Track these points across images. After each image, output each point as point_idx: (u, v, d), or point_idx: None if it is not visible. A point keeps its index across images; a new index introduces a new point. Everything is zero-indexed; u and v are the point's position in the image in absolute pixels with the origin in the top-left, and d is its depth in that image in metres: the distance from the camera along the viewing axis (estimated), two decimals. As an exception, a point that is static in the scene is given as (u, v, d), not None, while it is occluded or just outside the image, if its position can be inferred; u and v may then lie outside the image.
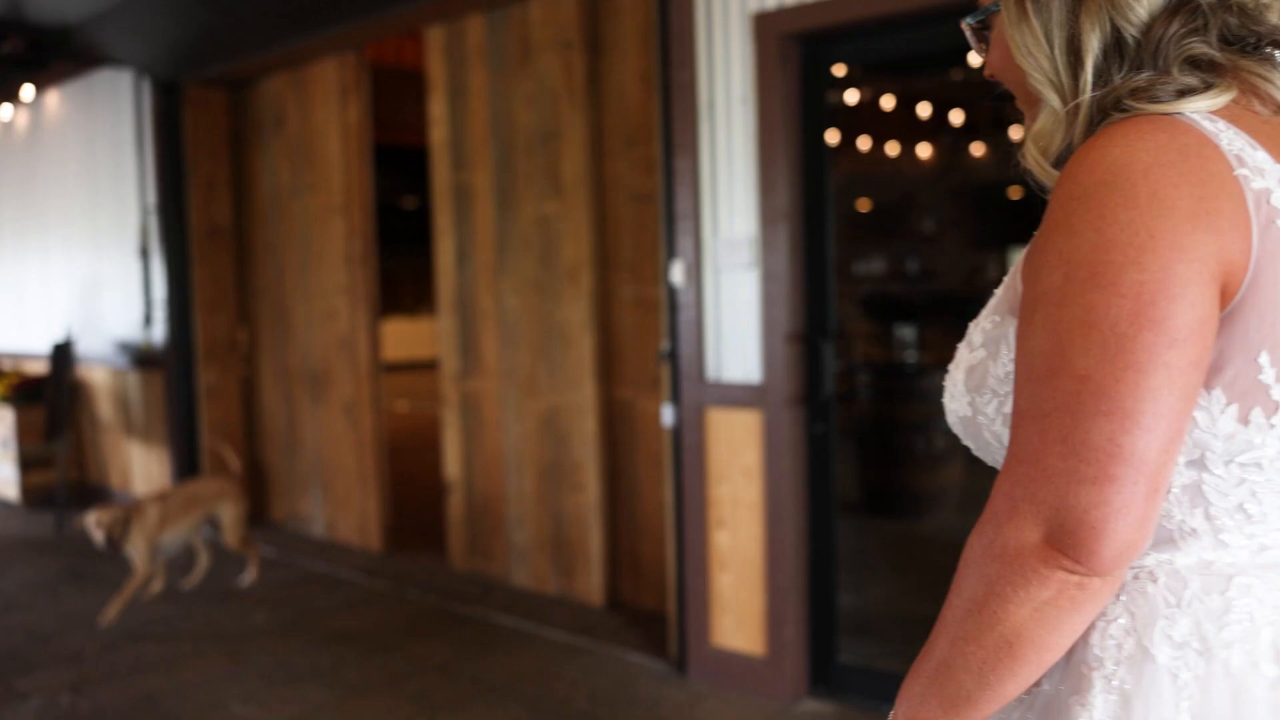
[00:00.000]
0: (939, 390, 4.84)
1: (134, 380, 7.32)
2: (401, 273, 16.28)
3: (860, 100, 9.79)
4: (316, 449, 6.57)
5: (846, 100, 9.85)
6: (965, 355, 1.10)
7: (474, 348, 5.48)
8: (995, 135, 10.85)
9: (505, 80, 5.19)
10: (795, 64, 3.81)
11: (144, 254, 6.92)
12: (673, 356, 4.11)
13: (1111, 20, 0.97)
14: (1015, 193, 10.74)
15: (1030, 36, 1.02)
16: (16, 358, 8.82)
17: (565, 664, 4.38)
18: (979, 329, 1.09)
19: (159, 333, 6.93)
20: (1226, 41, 0.97)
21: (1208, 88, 0.93)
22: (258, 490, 7.15)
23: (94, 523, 4.83)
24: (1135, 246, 0.85)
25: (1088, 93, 0.99)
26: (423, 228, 6.06)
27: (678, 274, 4.04)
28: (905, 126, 11.32)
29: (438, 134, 5.53)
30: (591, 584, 5.07)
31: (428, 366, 7.13)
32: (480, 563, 5.61)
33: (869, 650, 4.26)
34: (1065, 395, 0.86)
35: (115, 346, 7.47)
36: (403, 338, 14.34)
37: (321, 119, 6.28)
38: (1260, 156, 0.91)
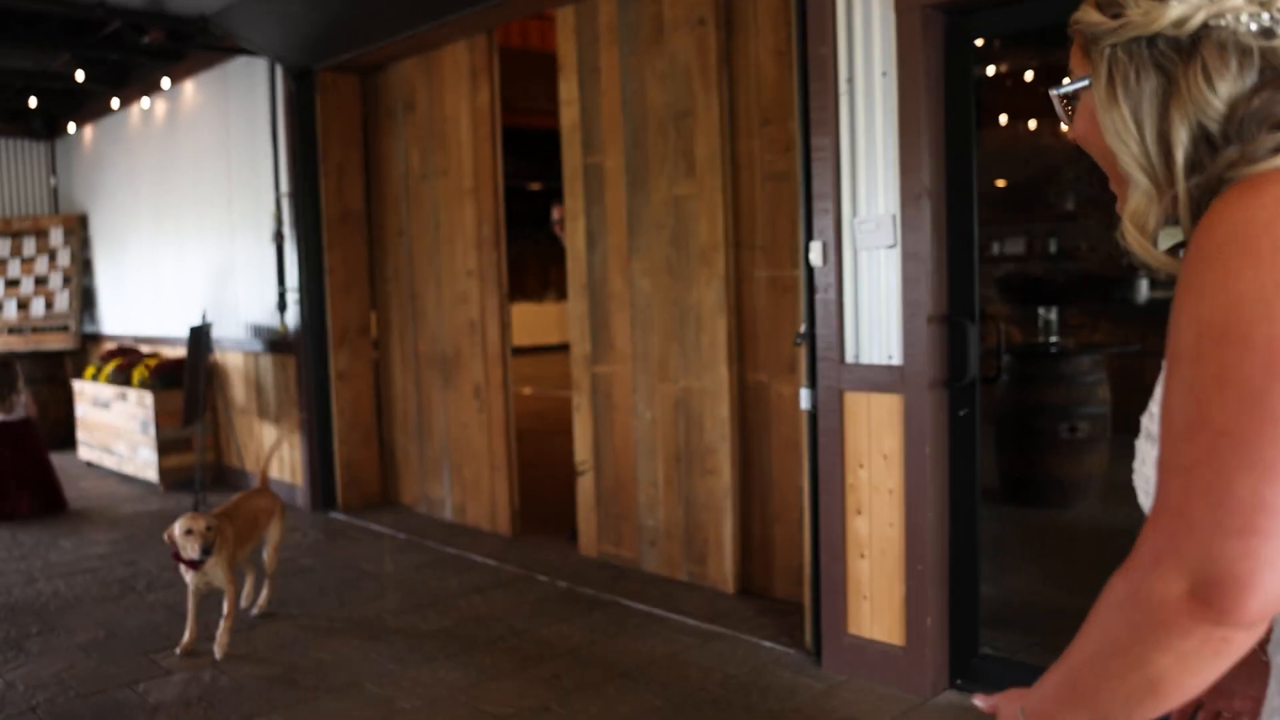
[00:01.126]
0: (1080, 374, 4.85)
1: (267, 364, 7.67)
2: (527, 257, 16.60)
3: (998, 73, 9.60)
4: (446, 433, 6.78)
5: (985, 73, 9.67)
6: (1147, 449, 1.14)
7: (605, 331, 5.59)
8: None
9: (637, 59, 5.27)
10: (938, 35, 3.79)
11: (278, 239, 7.23)
12: (810, 338, 4.13)
13: (1197, 116, 1.04)
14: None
15: (1120, 122, 1.09)
16: (155, 342, 9.32)
17: (698, 650, 4.46)
18: (1153, 419, 1.12)
19: (292, 317, 7.25)
20: None
21: None
22: (388, 474, 7.43)
23: (191, 531, 4.39)
24: (1264, 302, 0.89)
25: (1182, 183, 1.06)
26: (549, 212, 6.19)
27: (816, 254, 4.06)
28: (1046, 100, 11.05)
29: (568, 116, 5.65)
30: (724, 570, 5.13)
31: (552, 351, 7.29)
32: (610, 548, 5.73)
33: (1011, 642, 4.22)
34: (1207, 450, 0.90)
35: (249, 330, 7.84)
36: (528, 322, 14.63)
37: (451, 103, 6.47)
38: None
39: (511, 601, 5.20)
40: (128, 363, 8.71)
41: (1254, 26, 1.05)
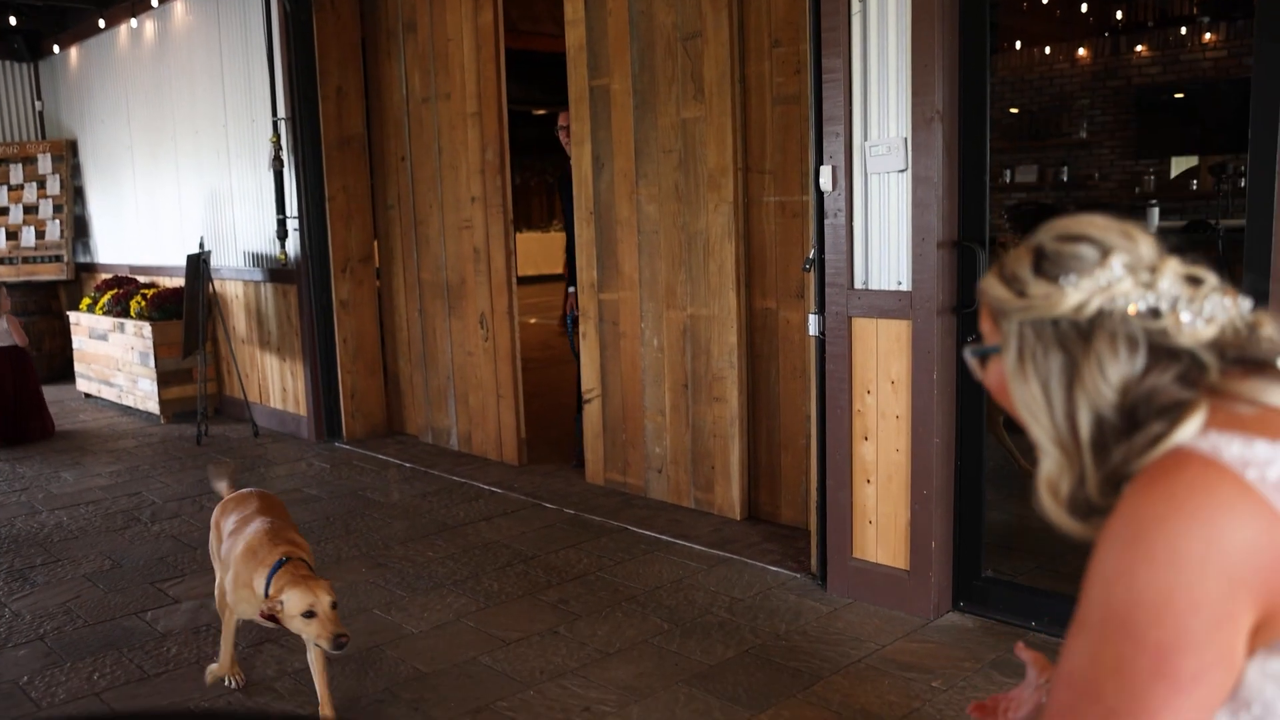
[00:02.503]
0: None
1: (269, 293, 7.75)
2: (532, 185, 16.59)
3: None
4: (451, 362, 6.89)
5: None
6: None
7: (611, 258, 5.66)
8: (1160, 33, 10.45)
9: (643, -21, 5.28)
10: (953, -45, 3.81)
11: (276, 165, 7.27)
12: (819, 264, 4.21)
13: (1096, 401, 1.18)
14: (1179, 95, 10.36)
15: (1030, 397, 1.22)
16: (151, 272, 9.39)
17: (704, 575, 4.60)
18: None
19: (293, 245, 7.31)
20: (1227, 361, 1.16)
21: (1183, 418, 1.11)
22: (393, 403, 7.55)
23: (313, 614, 3.18)
24: (1154, 606, 1.05)
25: (1089, 462, 1.20)
26: (555, 133, 6.22)
27: (826, 179, 4.12)
28: (1061, 25, 10.98)
29: (573, 36, 5.67)
30: (731, 497, 5.27)
31: (559, 280, 7.35)
32: (617, 475, 5.86)
33: (1013, 566, 4.36)
34: (1100, 709, 1.08)
35: (248, 259, 7.91)
36: (533, 251, 14.68)
37: (453, 23, 6.47)
38: (1259, 447, 1.07)
39: (519, 529, 5.34)
40: (124, 293, 8.79)
41: (1143, 306, 1.17)
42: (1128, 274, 1.18)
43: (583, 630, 4.09)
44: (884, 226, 4.03)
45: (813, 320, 4.26)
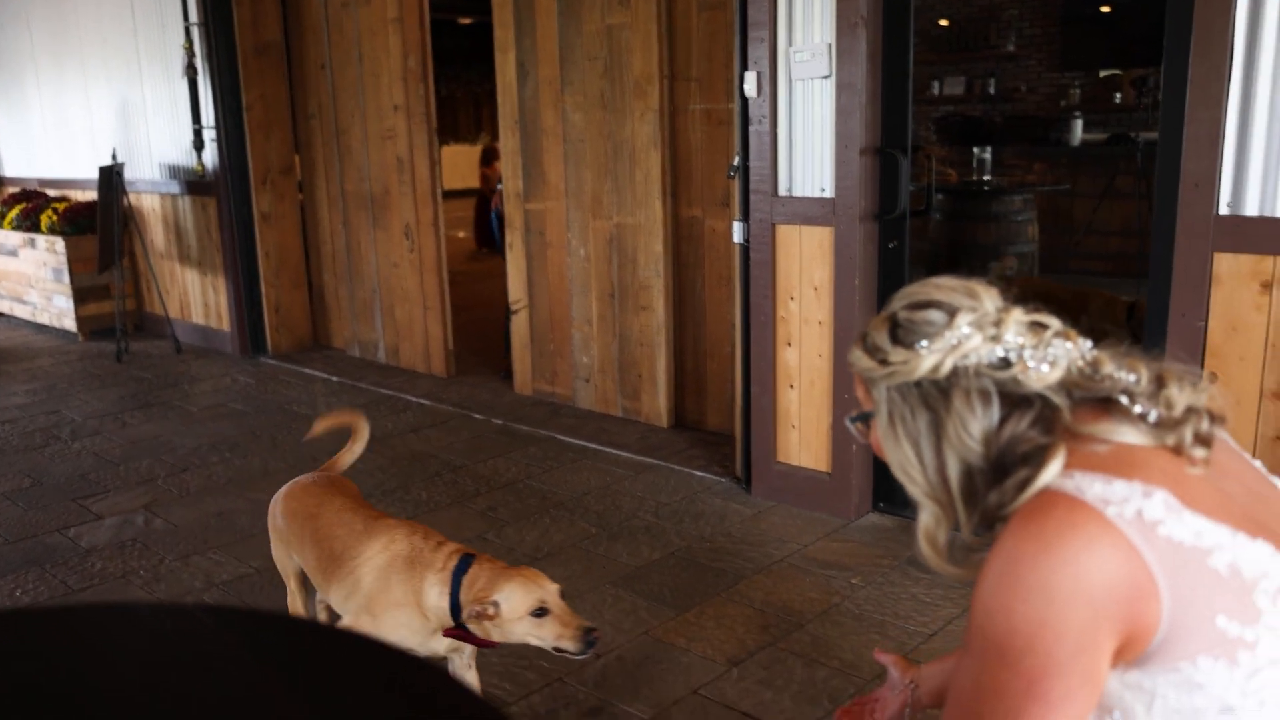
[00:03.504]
0: (1011, 213, 5.05)
1: (187, 207, 7.59)
2: (459, 97, 16.29)
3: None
4: (377, 274, 6.83)
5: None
6: None
7: (537, 167, 5.63)
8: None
9: (566, -120, 5.17)
10: None
11: (190, 74, 7.06)
12: (743, 171, 4.23)
13: (962, 453, 1.30)
14: (1105, 8, 10.45)
15: (903, 457, 1.35)
16: (62, 185, 9.12)
17: (631, 482, 4.68)
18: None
19: (210, 157, 7.15)
20: (1076, 400, 1.29)
21: (1045, 462, 1.23)
22: (318, 317, 7.48)
23: (545, 611, 2.43)
24: (1027, 635, 1.17)
25: (962, 510, 1.33)
26: (483, 47, 6.12)
27: (750, 85, 4.13)
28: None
29: (495, -60, 5.56)
30: (658, 405, 5.34)
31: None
32: (545, 385, 5.90)
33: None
34: None
35: (164, 172, 7.72)
36: (460, 164, 14.48)
37: (372, -74, 6.30)
38: (1117, 486, 1.19)
39: (447, 439, 5.37)
40: (34, 207, 8.52)
41: (992, 360, 1.29)
42: (975, 331, 1.31)
43: (511, 536, 4.15)
44: (808, 133, 4.06)
45: (737, 227, 4.30)
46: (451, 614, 2.45)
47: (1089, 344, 1.36)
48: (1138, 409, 1.29)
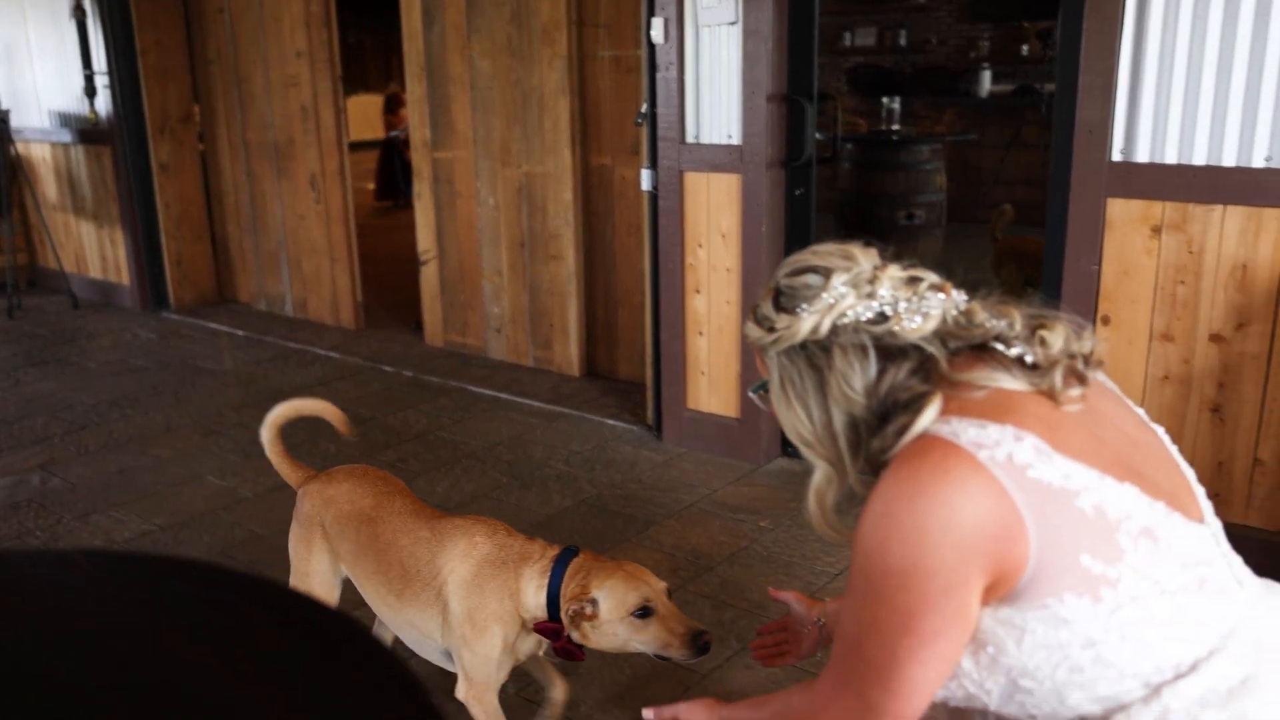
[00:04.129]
0: (919, 162, 5.13)
1: (80, 156, 7.34)
2: (369, 45, 15.93)
3: None
4: (283, 226, 6.70)
5: None
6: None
7: (444, 115, 5.56)
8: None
9: None
10: None
11: (78, 15, 6.80)
12: (651, 118, 4.23)
13: (846, 408, 1.37)
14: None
15: (795, 419, 1.42)
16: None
17: (543, 431, 4.69)
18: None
19: (103, 104, 6.91)
20: (952, 350, 1.35)
21: (922, 408, 1.29)
22: (223, 270, 7.32)
23: (650, 610, 2.11)
24: (902, 574, 1.23)
25: (849, 465, 1.40)
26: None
27: (658, 31, 4.11)
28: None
29: (398, -119, 5.43)
30: (569, 354, 5.35)
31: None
32: (456, 337, 5.86)
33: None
34: (864, 663, 1.30)
35: (54, 119, 7.44)
36: (369, 114, 14.19)
37: None
38: (990, 430, 1.25)
39: (357, 392, 5.32)
40: (-83, 156, 8.18)
41: (868, 315, 1.36)
42: (850, 289, 1.38)
43: (421, 487, 4.14)
44: (715, 80, 4.06)
45: (645, 175, 4.30)
46: (549, 610, 2.13)
47: (963, 295, 1.42)
48: (1014, 351, 1.35)
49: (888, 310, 1.36)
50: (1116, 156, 3.22)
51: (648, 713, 1.71)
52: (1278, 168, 2.97)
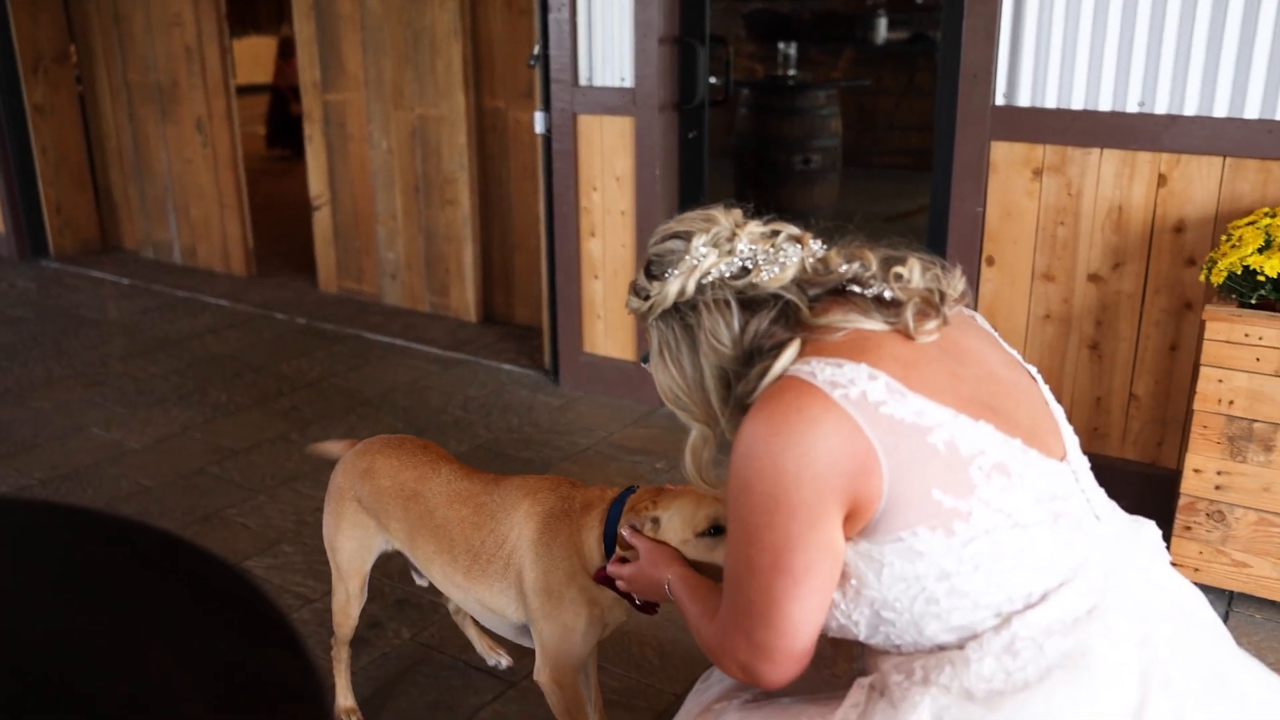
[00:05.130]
0: (815, 107, 5.14)
1: (-48, 97, 6.97)
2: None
3: None
4: (169, 171, 6.46)
5: None
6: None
7: (334, 56, 5.39)
8: None
9: None
10: None
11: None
12: (544, 60, 4.15)
13: (717, 362, 1.41)
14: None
15: (669, 379, 1.46)
16: None
17: (440, 377, 4.63)
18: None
19: (-26, 42, 6.56)
20: (813, 296, 1.39)
21: (781, 352, 1.34)
22: (106, 217, 7.05)
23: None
24: (766, 512, 1.27)
25: (720, 414, 1.44)
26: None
27: (548, -30, 4.03)
28: None
29: None
30: (466, 299, 5.28)
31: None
32: (351, 283, 5.74)
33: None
34: (745, 603, 1.33)
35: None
36: (261, 56, 13.71)
37: None
38: (846, 369, 1.28)
39: (248, 340, 5.19)
40: None
41: (729, 271, 1.41)
42: (711, 249, 1.43)
43: (315, 435, 4.06)
44: (607, 21, 4.00)
45: (538, 118, 4.23)
46: (606, 551, 1.91)
47: (820, 244, 1.47)
48: (871, 291, 1.39)
49: (748, 264, 1.42)
50: (999, 100, 3.26)
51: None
52: (1150, 112, 3.04)
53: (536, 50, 4.19)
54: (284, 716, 0.55)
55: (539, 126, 4.24)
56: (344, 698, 2.45)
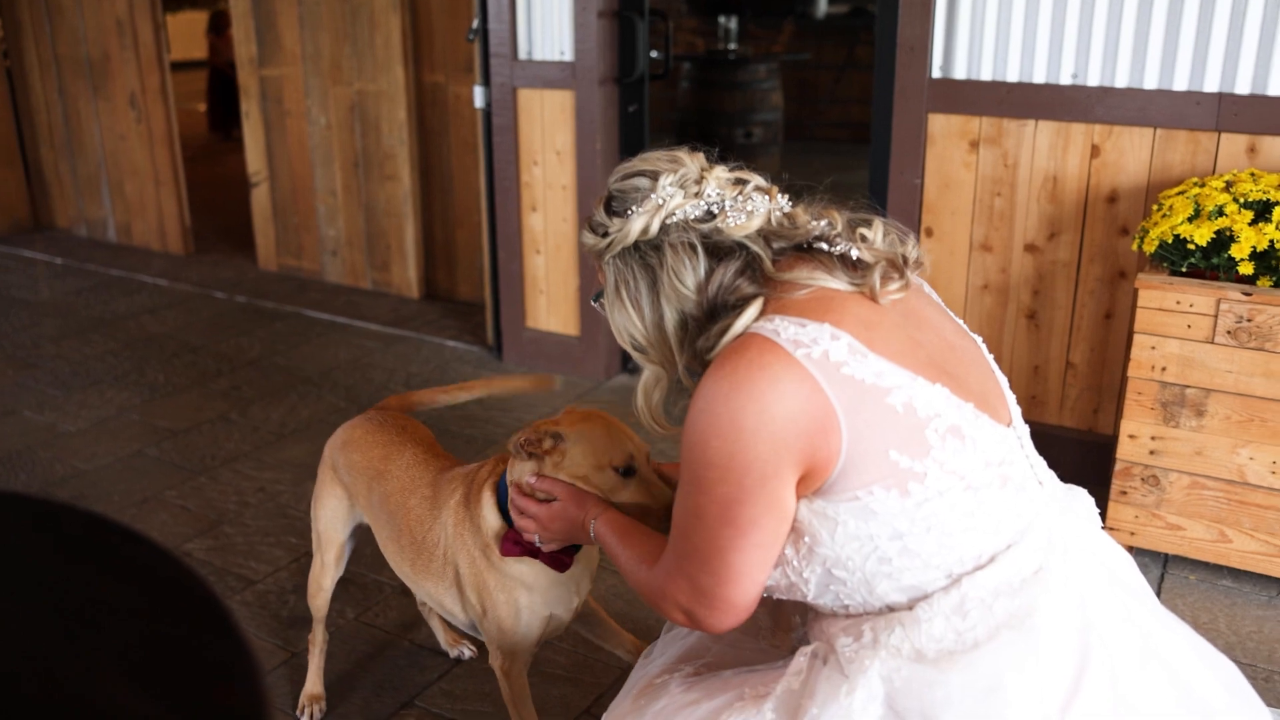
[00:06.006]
0: (756, 81, 5.14)
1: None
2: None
3: None
4: (101, 147, 6.30)
5: None
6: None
7: (271, 30, 5.28)
8: None
9: None
10: None
11: None
12: (483, 34, 4.10)
13: (679, 304, 1.39)
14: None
15: (626, 318, 1.43)
16: None
17: (382, 354, 4.58)
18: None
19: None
20: (777, 250, 1.39)
21: (744, 308, 1.33)
22: (37, 195, 6.86)
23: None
24: (720, 467, 1.27)
25: (677, 357, 1.42)
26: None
27: (486, -58, 3.98)
28: None
29: None
30: (408, 276, 5.22)
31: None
32: (291, 260, 5.65)
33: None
34: (691, 549, 1.34)
35: None
36: (197, 33, 13.42)
37: None
38: (809, 329, 1.28)
39: (186, 319, 5.09)
40: None
41: (696, 214, 1.39)
42: (678, 189, 1.40)
43: (256, 414, 4.00)
44: (547, -6, 3.96)
45: (478, 92, 4.18)
46: (502, 514, 1.80)
47: (786, 199, 1.46)
48: (837, 249, 1.38)
49: (714, 209, 1.40)
50: (936, 73, 3.27)
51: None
52: (1084, 84, 3.07)
53: (476, 24, 4.13)
54: (216, 696, 0.54)
55: (479, 101, 4.18)
56: (312, 684, 2.38)
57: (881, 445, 1.26)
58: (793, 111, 7.31)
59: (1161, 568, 2.88)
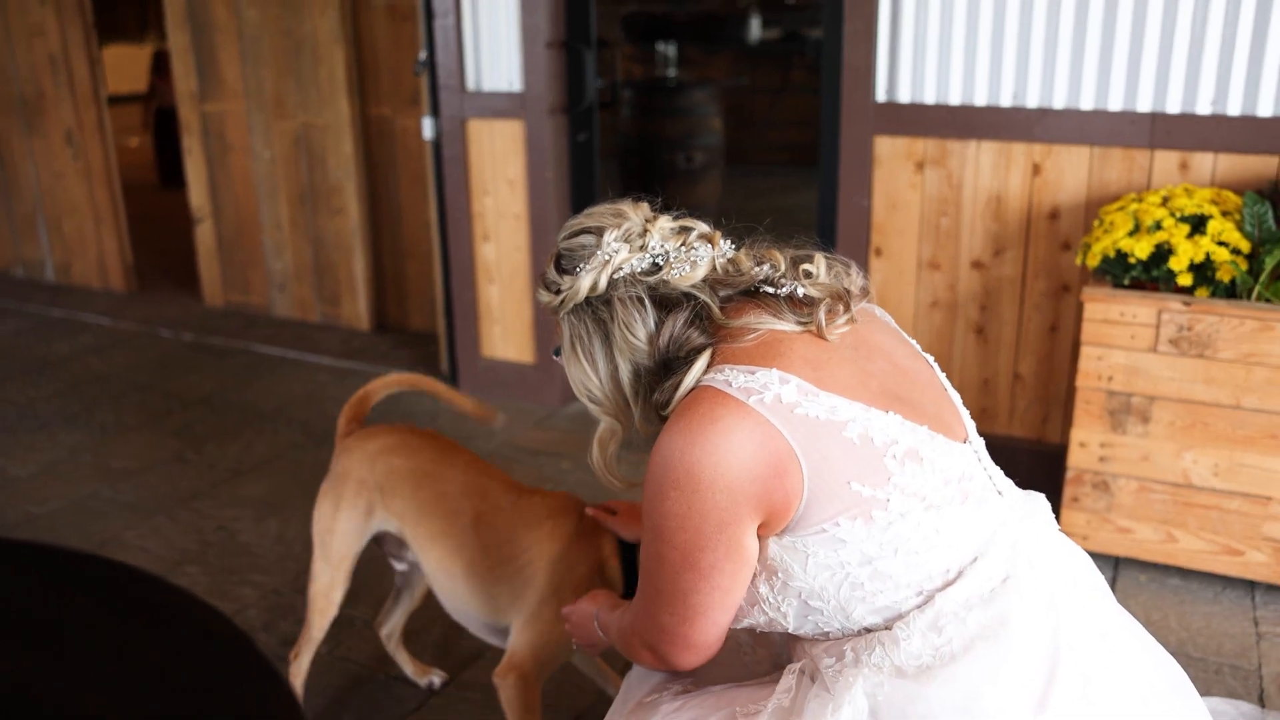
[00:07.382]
0: (696, 106, 5.22)
1: None
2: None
3: None
4: (37, 185, 6.21)
5: None
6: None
7: (212, 66, 5.26)
8: None
9: None
10: None
11: None
12: (430, 67, 4.12)
13: (631, 357, 1.43)
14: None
15: (581, 373, 1.47)
16: None
17: (335, 387, 4.56)
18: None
19: None
20: (724, 297, 1.42)
21: (692, 363, 1.37)
22: (-30, 236, 6.74)
23: None
24: (679, 516, 1.32)
25: (634, 409, 1.46)
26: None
27: (432, -24, 4.00)
28: None
29: None
30: (358, 309, 5.20)
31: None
32: (238, 296, 5.61)
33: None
34: (655, 592, 1.40)
35: None
36: (127, 66, 13.23)
37: None
38: (758, 375, 1.31)
39: (133, 359, 5.02)
40: None
41: (642, 267, 1.42)
42: (622, 244, 1.43)
43: (211, 453, 3.96)
44: (494, 27, 3.99)
45: (427, 124, 4.20)
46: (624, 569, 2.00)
47: (730, 244, 1.50)
48: (784, 290, 1.42)
49: (660, 260, 1.44)
50: (881, 97, 3.36)
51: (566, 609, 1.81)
52: (1023, 106, 3.17)
53: (423, 56, 4.15)
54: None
55: (427, 132, 4.20)
56: None
57: (843, 478, 1.31)
58: (732, 136, 7.41)
59: (1113, 570, 2.96)
